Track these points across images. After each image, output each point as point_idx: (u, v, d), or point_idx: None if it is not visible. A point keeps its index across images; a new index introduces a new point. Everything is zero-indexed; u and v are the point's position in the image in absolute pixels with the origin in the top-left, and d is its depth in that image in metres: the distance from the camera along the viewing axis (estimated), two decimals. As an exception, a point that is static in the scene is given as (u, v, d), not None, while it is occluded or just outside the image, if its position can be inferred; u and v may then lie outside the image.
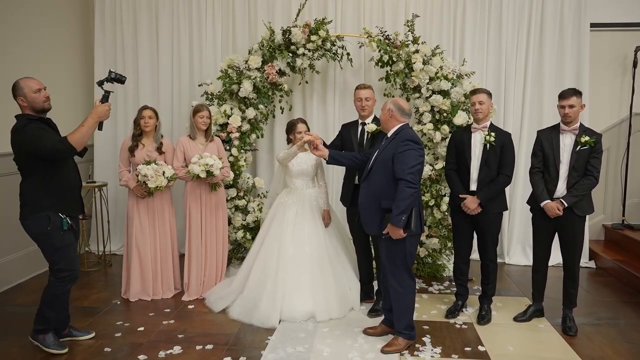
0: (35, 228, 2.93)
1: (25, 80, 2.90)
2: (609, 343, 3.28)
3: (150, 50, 5.18)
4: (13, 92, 2.89)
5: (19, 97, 2.89)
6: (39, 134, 2.82)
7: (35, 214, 2.91)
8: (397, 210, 2.86)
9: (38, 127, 2.85)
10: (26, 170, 2.93)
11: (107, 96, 3.00)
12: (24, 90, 2.87)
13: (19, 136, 2.83)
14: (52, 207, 2.93)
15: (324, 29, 4.41)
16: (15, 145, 2.87)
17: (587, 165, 3.33)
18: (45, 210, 2.91)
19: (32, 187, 2.92)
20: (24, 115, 2.91)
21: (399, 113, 3.09)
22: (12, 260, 4.32)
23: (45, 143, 2.80)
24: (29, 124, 2.83)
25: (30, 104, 2.89)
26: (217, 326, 3.50)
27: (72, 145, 2.83)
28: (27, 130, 2.81)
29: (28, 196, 2.93)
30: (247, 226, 4.62)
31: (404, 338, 3.16)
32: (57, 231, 2.94)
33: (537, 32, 4.86)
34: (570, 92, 3.36)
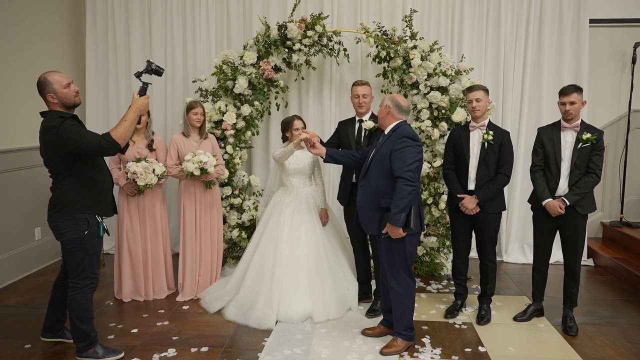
0: (70, 231, 2.74)
1: (52, 74, 2.70)
2: (610, 343, 3.24)
3: (143, 45, 5.08)
4: (40, 89, 2.69)
5: (48, 94, 2.69)
6: (78, 131, 2.63)
7: (72, 216, 2.73)
8: (396, 209, 2.80)
9: (75, 125, 2.66)
10: (62, 170, 2.72)
11: (146, 88, 2.82)
12: (54, 86, 2.67)
13: (56, 135, 2.60)
14: (90, 209, 2.78)
15: (321, 24, 4.33)
16: (51, 145, 2.65)
17: (589, 162, 3.28)
18: (83, 213, 2.75)
19: (70, 188, 2.73)
20: (54, 112, 2.70)
21: (396, 110, 3.02)
22: (2, 260, 4.23)
23: (89, 140, 2.62)
24: (65, 122, 2.63)
25: (61, 100, 2.70)
26: (212, 327, 3.43)
27: (117, 141, 2.66)
28: (66, 129, 2.60)
29: (65, 198, 2.73)
30: (242, 225, 4.55)
31: (403, 339, 3.10)
32: (92, 236, 2.79)
33: (536, 28, 4.81)
34: (571, 88, 3.30)
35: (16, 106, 4.39)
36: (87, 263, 2.82)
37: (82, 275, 2.82)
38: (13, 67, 4.34)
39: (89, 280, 2.85)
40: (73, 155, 2.67)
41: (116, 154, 2.81)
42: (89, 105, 5.14)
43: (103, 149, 2.65)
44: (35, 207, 4.60)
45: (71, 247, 2.78)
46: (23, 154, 4.45)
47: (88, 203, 2.77)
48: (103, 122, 5.13)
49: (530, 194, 3.56)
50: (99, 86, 5.15)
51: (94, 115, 5.15)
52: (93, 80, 5.13)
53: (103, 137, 2.64)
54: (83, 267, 2.81)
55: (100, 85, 5.14)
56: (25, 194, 4.49)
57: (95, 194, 2.80)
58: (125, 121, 2.71)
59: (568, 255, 3.44)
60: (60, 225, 2.76)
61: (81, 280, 2.83)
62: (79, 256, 2.79)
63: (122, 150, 2.81)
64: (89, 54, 5.10)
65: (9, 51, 4.28)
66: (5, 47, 4.24)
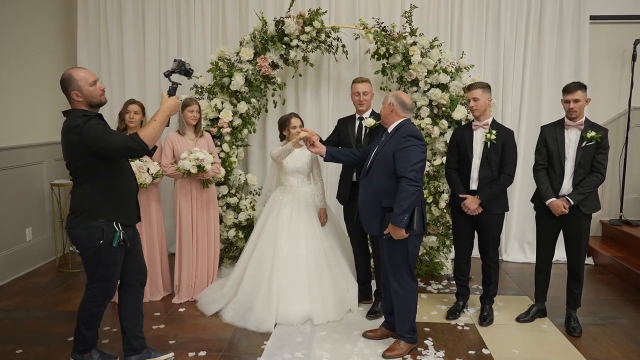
0: (85, 240, 2.56)
1: (78, 71, 2.54)
2: (615, 344, 3.20)
3: (136, 41, 4.96)
4: (64, 86, 2.53)
5: (73, 92, 2.51)
6: (104, 131, 2.45)
7: (90, 222, 2.54)
8: (399, 209, 2.73)
9: (100, 125, 2.48)
10: (82, 173, 2.54)
11: (176, 88, 2.67)
12: (79, 84, 2.50)
13: (80, 135, 2.42)
14: (110, 216, 2.58)
15: (319, 19, 4.25)
16: (74, 145, 2.46)
17: (593, 161, 3.23)
18: (101, 219, 2.56)
19: (89, 192, 2.55)
20: (78, 110, 2.53)
21: (400, 108, 2.95)
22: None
23: (115, 141, 2.44)
24: (89, 121, 2.45)
25: (87, 99, 2.53)
26: (210, 331, 3.35)
27: (145, 143, 2.47)
28: (90, 128, 2.42)
29: (85, 202, 2.55)
30: (239, 224, 4.46)
31: (406, 342, 3.04)
32: (107, 246, 2.58)
33: (536, 25, 4.75)
34: (575, 85, 3.25)
35: (6, 104, 4.27)
36: (102, 274, 2.64)
37: (96, 284, 2.66)
38: (3, 65, 4.22)
39: (102, 290, 2.67)
40: (96, 157, 2.49)
41: (143, 156, 2.66)
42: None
43: (130, 150, 2.47)
44: (26, 206, 4.49)
45: (86, 255, 2.61)
46: (14, 152, 4.34)
47: (109, 209, 2.58)
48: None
49: (533, 193, 3.50)
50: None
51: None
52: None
53: (130, 137, 2.47)
54: (97, 277, 2.64)
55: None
56: (16, 193, 4.38)
57: (117, 200, 2.62)
58: (154, 121, 2.53)
59: (571, 256, 3.39)
60: (74, 232, 2.58)
61: (94, 289, 2.67)
62: (94, 266, 2.62)
63: (150, 152, 2.62)
64: (81, 51, 4.97)
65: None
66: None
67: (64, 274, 4.45)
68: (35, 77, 4.62)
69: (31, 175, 4.57)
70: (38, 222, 4.66)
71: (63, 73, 2.54)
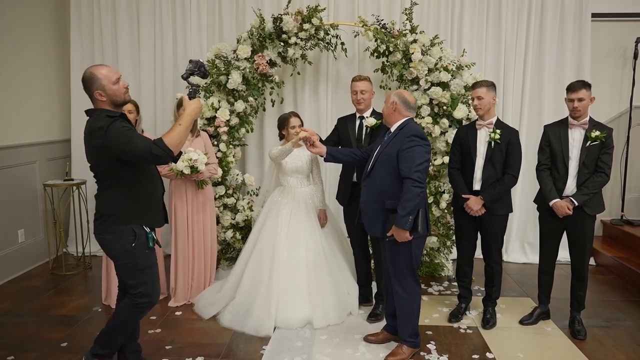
0: (117, 244, 2.43)
1: (100, 68, 2.39)
2: (620, 347, 3.14)
3: (131, 39, 4.86)
4: (86, 85, 2.38)
5: (96, 91, 2.37)
6: (129, 134, 2.31)
7: (119, 227, 2.42)
8: (404, 211, 2.66)
9: (125, 127, 2.34)
10: (108, 176, 2.41)
11: (196, 90, 2.53)
12: (102, 82, 2.36)
13: (103, 138, 2.28)
14: (138, 219, 2.47)
15: (318, 16, 4.17)
16: (97, 149, 2.32)
17: (598, 161, 3.17)
18: (130, 223, 2.44)
19: (115, 196, 2.42)
20: (102, 110, 2.39)
21: (403, 106, 2.88)
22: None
23: (139, 146, 2.28)
24: (114, 123, 2.32)
25: (111, 98, 2.39)
26: (207, 335, 3.27)
27: (170, 148, 2.32)
28: (114, 131, 2.29)
29: (112, 207, 2.42)
30: (236, 225, 4.38)
31: (408, 346, 2.98)
32: (142, 249, 2.47)
33: (537, 22, 4.69)
34: (579, 84, 3.18)
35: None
36: (142, 279, 2.49)
37: (137, 290, 2.49)
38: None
39: (145, 298, 2.51)
40: (120, 161, 2.35)
41: (168, 162, 2.51)
42: (74, 103, 4.92)
43: (154, 157, 2.32)
44: (18, 207, 4.39)
45: (120, 262, 2.47)
46: (5, 152, 4.23)
47: (136, 213, 2.46)
48: (89, 119, 4.92)
49: (536, 193, 3.44)
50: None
51: (79, 111, 4.93)
52: (78, 76, 4.89)
53: (155, 143, 2.32)
54: (137, 283, 2.49)
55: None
56: (8, 194, 4.28)
57: (143, 204, 2.49)
58: (179, 125, 2.37)
59: (575, 257, 3.33)
60: (105, 237, 2.45)
61: (138, 297, 2.50)
62: (131, 272, 2.47)
63: (175, 159, 2.46)
64: (74, 50, 4.88)
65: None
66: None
67: (58, 276, 4.36)
68: (28, 77, 4.51)
69: (23, 175, 4.47)
70: (31, 224, 4.56)
71: (85, 71, 2.39)
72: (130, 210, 2.44)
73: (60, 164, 4.89)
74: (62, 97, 4.97)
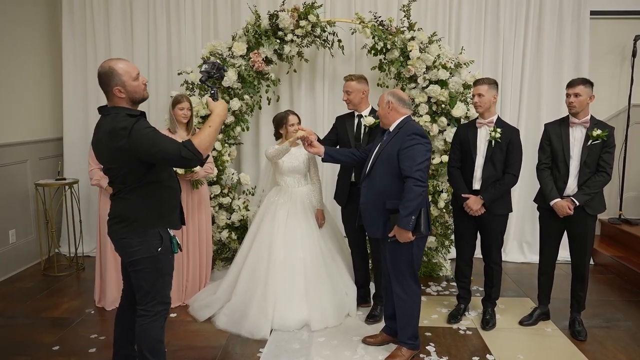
0: (142, 249, 2.28)
1: (119, 63, 2.22)
2: (621, 349, 3.11)
3: (124, 36, 4.78)
4: (104, 80, 2.21)
5: (115, 87, 2.20)
6: (154, 135, 2.17)
7: (145, 231, 2.29)
8: (406, 211, 2.61)
9: (149, 127, 2.20)
10: (130, 179, 2.25)
11: (217, 92, 2.44)
12: (123, 78, 2.20)
13: (128, 140, 2.12)
14: (161, 222, 2.34)
15: (314, 13, 4.10)
16: (120, 151, 2.15)
17: (599, 160, 3.13)
18: (156, 226, 2.31)
19: (140, 198, 2.28)
20: (121, 109, 2.22)
21: (399, 104, 2.82)
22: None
23: (167, 148, 2.15)
24: (138, 123, 2.17)
25: (130, 95, 2.23)
26: (202, 338, 3.21)
27: (199, 151, 2.19)
28: (139, 133, 2.14)
29: (136, 210, 2.27)
30: (232, 225, 4.31)
31: (408, 348, 2.93)
32: (167, 253, 2.35)
33: (535, 19, 4.65)
34: (578, 80, 3.16)
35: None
36: (161, 286, 2.36)
37: (154, 300, 2.34)
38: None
39: (162, 306, 2.38)
40: (143, 162, 2.21)
41: (196, 166, 2.36)
42: (66, 101, 4.84)
43: (184, 160, 2.18)
44: (9, 207, 4.31)
45: (142, 267, 2.30)
46: (-5, 152, 4.15)
47: (159, 216, 2.33)
48: (81, 117, 4.84)
49: (537, 193, 3.40)
50: (76, 79, 4.84)
51: (71, 109, 4.85)
52: (70, 73, 4.83)
53: (184, 145, 2.18)
54: (156, 290, 2.34)
55: (78, 79, 4.84)
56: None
57: (165, 206, 2.36)
58: (209, 127, 2.25)
59: (576, 258, 3.30)
60: (130, 242, 2.28)
61: (153, 306, 2.35)
62: (152, 278, 2.32)
63: (203, 162, 2.32)
64: (66, 46, 4.79)
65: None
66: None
67: (50, 277, 4.28)
68: (19, 75, 4.42)
69: (14, 174, 4.38)
70: (22, 224, 4.47)
71: (102, 66, 2.22)
72: (154, 212, 2.32)
73: (52, 163, 4.80)
74: (54, 95, 4.88)
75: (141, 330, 2.35)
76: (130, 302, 2.48)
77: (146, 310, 2.35)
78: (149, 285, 2.32)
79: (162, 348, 2.40)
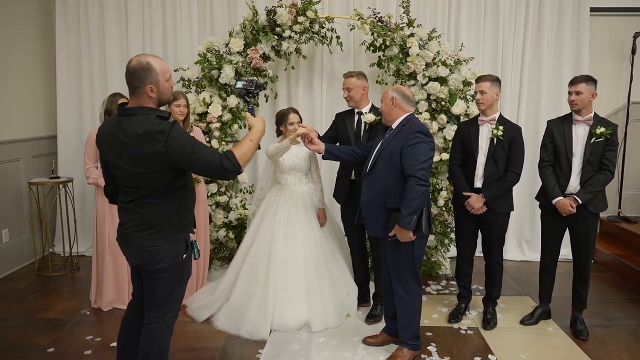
0: (169, 256, 2.17)
1: (156, 60, 2.08)
2: (624, 347, 3.09)
3: (119, 32, 4.70)
4: (139, 76, 2.05)
5: (149, 85, 2.06)
6: (193, 143, 2.05)
7: (174, 236, 2.19)
8: (407, 210, 2.56)
9: (186, 134, 2.09)
10: (160, 184, 2.12)
11: (254, 108, 2.43)
12: (159, 77, 2.06)
13: (165, 143, 2.00)
14: (185, 227, 2.26)
15: (312, 9, 4.05)
16: (155, 155, 2.03)
17: (602, 158, 3.10)
18: (183, 232, 2.23)
19: (170, 204, 2.17)
20: (151, 109, 2.08)
21: (404, 101, 2.78)
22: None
23: (207, 157, 2.04)
24: (174, 127, 2.05)
25: (159, 95, 2.10)
26: (201, 339, 3.16)
27: (240, 164, 2.09)
28: (177, 138, 2.03)
29: (166, 216, 2.16)
30: (229, 224, 4.26)
31: (409, 349, 2.89)
32: (189, 259, 2.27)
33: (535, 16, 4.61)
34: (580, 78, 3.13)
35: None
36: (178, 293, 2.28)
37: (170, 307, 2.25)
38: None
39: (175, 312, 2.30)
40: (176, 168, 2.10)
41: (233, 179, 2.28)
42: (60, 99, 4.76)
43: (223, 171, 2.06)
44: (2, 206, 4.24)
45: (166, 274, 2.18)
46: (-13, 150, 4.08)
47: (183, 222, 2.24)
48: (76, 115, 4.77)
49: (538, 191, 3.37)
50: (70, 76, 4.77)
51: (65, 107, 4.78)
52: (64, 70, 4.75)
53: (226, 155, 2.07)
54: (173, 298, 2.25)
55: (71, 75, 4.77)
56: (-9, 193, 4.12)
57: (188, 211, 2.27)
58: (251, 141, 2.18)
59: (578, 256, 3.27)
60: (159, 249, 2.15)
61: (167, 313, 2.25)
62: (172, 285, 2.22)
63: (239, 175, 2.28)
64: (60, 42, 4.71)
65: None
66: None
67: (44, 277, 4.21)
68: (11, 71, 4.34)
69: (7, 173, 4.30)
70: (15, 223, 4.40)
71: (139, 60, 2.06)
72: (182, 217, 2.23)
73: (45, 161, 4.72)
74: (48, 92, 4.80)
75: (152, 338, 2.25)
76: (139, 308, 2.34)
77: (160, 317, 2.24)
78: (167, 292, 2.22)
79: (167, 355, 2.32)
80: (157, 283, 2.19)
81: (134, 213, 2.16)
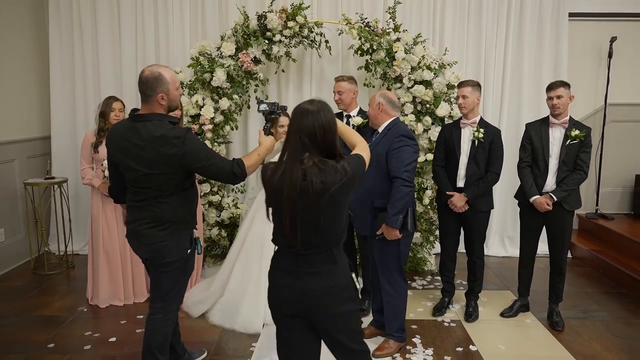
0: (177, 250, 2.34)
1: (166, 70, 2.25)
2: (597, 338, 3.27)
3: (112, 36, 4.79)
4: (151, 85, 2.20)
5: (160, 94, 2.22)
6: (207, 149, 2.25)
7: (180, 233, 2.35)
8: (393, 210, 2.72)
9: (200, 140, 2.29)
10: (171, 184, 2.28)
11: (269, 128, 2.61)
12: (169, 86, 2.22)
13: (180, 148, 2.17)
14: (191, 224, 2.42)
15: (302, 14, 4.18)
16: (170, 157, 2.18)
17: (577, 159, 3.28)
18: (190, 229, 2.41)
19: (181, 201, 2.34)
20: (164, 116, 2.26)
21: (389, 106, 2.93)
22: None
23: (219, 163, 2.24)
24: (189, 133, 2.22)
25: (169, 103, 2.27)
26: (196, 333, 3.29)
27: (247, 173, 2.31)
28: (192, 144, 2.20)
29: (177, 212, 2.32)
30: (222, 223, 4.38)
31: (395, 340, 3.05)
32: (193, 254, 2.44)
33: (516, 21, 4.80)
34: (557, 83, 3.32)
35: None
36: (182, 287, 2.45)
37: (173, 299, 2.44)
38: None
39: (176, 305, 2.47)
40: (187, 171, 2.29)
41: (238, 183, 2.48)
42: (54, 100, 4.84)
43: (233, 176, 2.26)
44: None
45: (172, 268, 2.36)
46: (-17, 151, 4.15)
47: (190, 218, 2.42)
48: (69, 116, 4.86)
49: (517, 189, 3.54)
50: (64, 77, 4.85)
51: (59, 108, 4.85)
52: (57, 71, 4.83)
53: (237, 162, 2.28)
54: (177, 290, 2.43)
55: (65, 76, 4.85)
56: (-13, 194, 4.20)
57: (194, 208, 2.45)
58: (258, 155, 2.40)
59: (554, 251, 3.45)
60: (168, 244, 2.32)
61: (170, 304, 2.43)
62: (176, 278, 2.39)
63: None
64: (53, 45, 4.79)
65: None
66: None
67: (40, 276, 4.30)
68: (4, 72, 4.42)
69: (2, 173, 4.38)
70: (10, 223, 4.48)
71: (151, 71, 2.22)
72: (187, 215, 2.40)
73: (40, 161, 4.80)
74: (41, 93, 4.87)
75: (156, 328, 2.41)
76: None
77: (163, 308, 2.42)
78: (172, 285, 2.39)
79: (167, 345, 2.48)
80: (163, 276, 2.37)
81: (145, 211, 2.32)
